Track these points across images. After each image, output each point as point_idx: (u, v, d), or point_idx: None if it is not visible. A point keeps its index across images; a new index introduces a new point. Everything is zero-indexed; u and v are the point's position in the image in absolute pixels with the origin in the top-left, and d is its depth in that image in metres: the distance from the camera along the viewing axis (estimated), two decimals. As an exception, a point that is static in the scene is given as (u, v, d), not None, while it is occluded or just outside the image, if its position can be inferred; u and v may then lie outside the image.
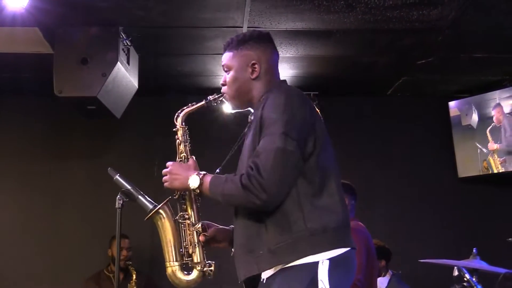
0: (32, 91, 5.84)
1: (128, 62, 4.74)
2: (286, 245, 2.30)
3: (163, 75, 5.78)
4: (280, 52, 4.95)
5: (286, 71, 5.60)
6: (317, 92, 5.92)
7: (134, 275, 5.44)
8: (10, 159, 6.18)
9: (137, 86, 5.02)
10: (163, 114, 2.80)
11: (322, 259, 2.28)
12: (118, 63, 4.49)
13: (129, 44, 4.70)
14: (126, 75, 4.72)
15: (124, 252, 5.47)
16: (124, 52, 4.66)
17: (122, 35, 4.56)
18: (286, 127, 2.32)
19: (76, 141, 6.28)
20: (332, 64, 5.55)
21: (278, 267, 2.32)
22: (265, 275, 2.40)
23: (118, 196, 3.03)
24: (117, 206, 3.11)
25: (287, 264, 2.30)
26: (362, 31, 4.71)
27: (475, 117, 6.14)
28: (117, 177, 3.00)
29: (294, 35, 4.76)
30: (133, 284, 5.42)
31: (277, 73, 2.69)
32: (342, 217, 2.39)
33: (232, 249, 2.54)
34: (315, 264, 2.27)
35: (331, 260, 2.29)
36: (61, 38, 4.54)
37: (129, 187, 2.97)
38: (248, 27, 4.53)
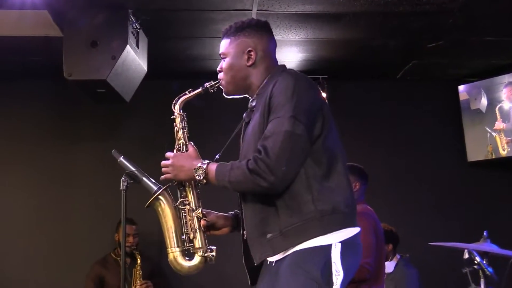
0: (41, 74, 5.85)
1: (137, 46, 4.74)
2: (297, 227, 2.34)
3: (172, 59, 5.77)
4: (289, 36, 5.04)
5: (295, 55, 5.59)
6: (326, 76, 5.91)
7: (139, 260, 5.46)
8: (19, 142, 6.20)
9: (146, 70, 5.02)
10: (171, 98, 2.80)
11: (335, 242, 2.32)
12: (128, 46, 4.48)
13: (138, 27, 4.69)
14: (135, 58, 4.72)
15: (130, 239, 5.48)
16: (134, 35, 4.65)
17: (131, 18, 4.55)
18: (295, 110, 2.35)
19: (85, 125, 6.30)
20: (342, 48, 5.52)
21: (289, 250, 2.35)
22: (274, 258, 2.43)
23: (123, 178, 3.03)
24: (121, 188, 3.11)
25: (299, 245, 2.33)
26: (371, 14, 4.68)
27: (484, 101, 6.11)
28: (121, 159, 3.00)
29: (303, 18, 4.74)
30: (138, 268, 5.44)
31: (274, 61, 2.72)
32: (349, 198, 2.44)
33: (244, 232, 2.56)
34: (328, 247, 2.32)
35: (342, 243, 2.33)
36: (71, 21, 4.53)
37: (133, 169, 2.97)
38: (257, 10, 4.52)
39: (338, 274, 2.31)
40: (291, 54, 5.54)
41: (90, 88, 4.83)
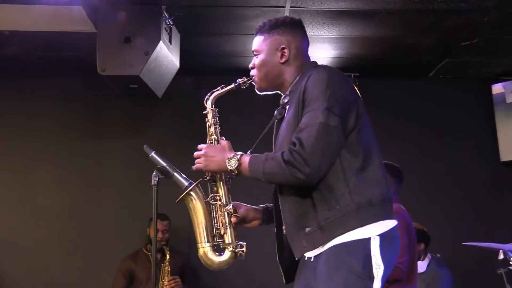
0: (75, 70, 5.90)
1: (170, 41, 4.76)
2: (335, 220, 2.34)
3: (204, 55, 5.79)
4: (322, 33, 5.03)
5: (328, 52, 5.57)
6: (358, 74, 5.88)
7: (167, 256, 5.47)
8: (51, 137, 6.25)
9: (178, 66, 5.04)
10: (203, 94, 2.82)
11: (373, 235, 2.32)
12: (161, 42, 4.52)
13: (171, 23, 4.72)
14: (168, 54, 4.74)
15: (159, 234, 5.49)
16: (166, 31, 4.68)
17: (164, 14, 4.58)
18: (329, 102, 2.36)
19: (117, 120, 6.33)
20: (374, 45, 5.49)
21: (327, 245, 2.35)
22: (312, 253, 2.43)
23: (154, 173, 3.04)
24: (152, 183, 3.12)
25: (337, 239, 2.33)
26: (406, 12, 4.65)
27: (520, 94, 6.02)
28: (153, 154, 3.01)
29: (336, 15, 4.72)
30: (167, 264, 5.45)
31: (307, 58, 2.72)
32: (385, 191, 2.44)
33: (283, 228, 2.55)
34: (368, 240, 2.32)
35: (381, 236, 2.33)
36: (105, 17, 4.58)
37: (164, 164, 2.98)
38: (290, 7, 4.51)
39: (378, 267, 2.31)
40: (323, 51, 5.52)
41: (123, 84, 4.88)
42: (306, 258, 2.46)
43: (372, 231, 2.33)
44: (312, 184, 2.37)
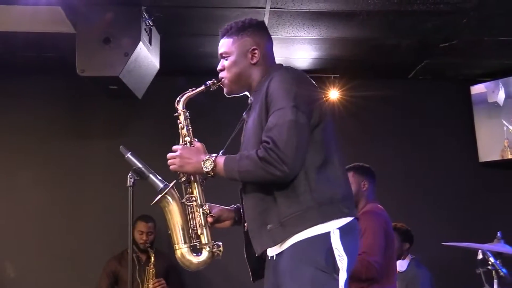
0: (55, 70, 5.86)
1: (150, 42, 4.75)
2: (295, 217, 2.38)
3: (184, 56, 5.77)
4: (302, 34, 5.04)
5: (308, 53, 5.57)
6: (338, 75, 5.89)
7: (152, 258, 5.46)
8: (31, 138, 6.21)
9: (158, 67, 5.03)
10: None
11: (333, 229, 2.36)
12: (140, 43, 4.50)
13: (151, 24, 4.70)
14: (148, 55, 4.73)
15: (143, 236, 5.49)
16: (146, 32, 4.66)
17: (144, 15, 4.56)
18: (296, 100, 2.41)
19: (97, 121, 6.30)
20: (354, 47, 5.50)
21: (288, 243, 2.38)
22: (273, 251, 2.47)
23: (129, 175, 3.05)
24: (128, 184, 3.12)
25: (297, 235, 2.36)
26: (385, 13, 4.66)
27: (502, 94, 6.03)
28: (129, 155, 3.03)
29: (316, 17, 4.73)
30: (152, 267, 5.44)
31: (273, 60, 2.78)
32: (346, 190, 2.50)
33: (245, 224, 2.59)
34: (327, 234, 2.36)
35: (340, 229, 2.37)
36: (84, 17, 4.54)
37: (140, 165, 2.99)
38: (270, 8, 4.51)
39: (342, 259, 2.36)
40: (303, 52, 5.53)
41: (103, 85, 4.86)
42: (269, 258, 2.51)
43: (332, 226, 2.36)
44: (287, 181, 2.39)
